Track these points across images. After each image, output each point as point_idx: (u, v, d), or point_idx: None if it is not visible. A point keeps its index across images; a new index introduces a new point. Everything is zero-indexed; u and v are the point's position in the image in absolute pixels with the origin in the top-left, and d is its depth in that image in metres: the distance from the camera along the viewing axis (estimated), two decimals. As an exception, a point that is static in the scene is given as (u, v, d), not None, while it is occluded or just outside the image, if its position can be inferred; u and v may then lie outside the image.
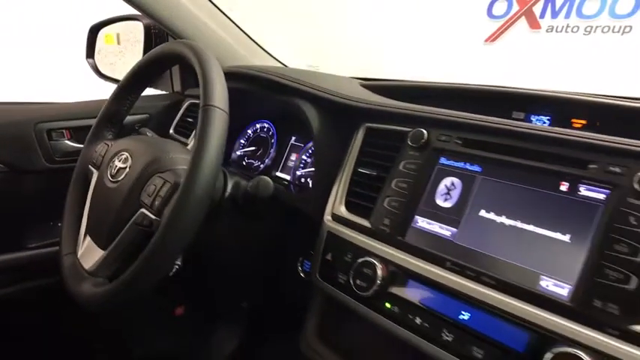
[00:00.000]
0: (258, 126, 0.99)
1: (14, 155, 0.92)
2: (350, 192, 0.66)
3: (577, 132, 0.49)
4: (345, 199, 0.66)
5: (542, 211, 0.48)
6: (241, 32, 1.12)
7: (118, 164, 0.69)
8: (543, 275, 0.46)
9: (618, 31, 2.07)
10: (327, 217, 0.66)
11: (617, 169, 0.45)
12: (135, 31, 1.21)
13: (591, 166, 0.46)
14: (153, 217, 0.60)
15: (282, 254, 0.79)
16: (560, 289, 0.44)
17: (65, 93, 1.09)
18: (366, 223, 0.61)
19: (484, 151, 0.55)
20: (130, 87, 0.77)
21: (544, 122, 0.59)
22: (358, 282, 0.57)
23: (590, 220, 0.45)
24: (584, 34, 2.27)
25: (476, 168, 0.55)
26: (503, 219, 0.51)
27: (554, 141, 0.49)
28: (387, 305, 0.54)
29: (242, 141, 1.00)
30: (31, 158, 0.94)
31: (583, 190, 0.47)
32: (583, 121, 0.55)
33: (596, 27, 2.13)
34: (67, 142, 0.98)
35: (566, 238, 0.46)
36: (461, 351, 0.47)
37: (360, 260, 0.57)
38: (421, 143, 0.59)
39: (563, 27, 2.33)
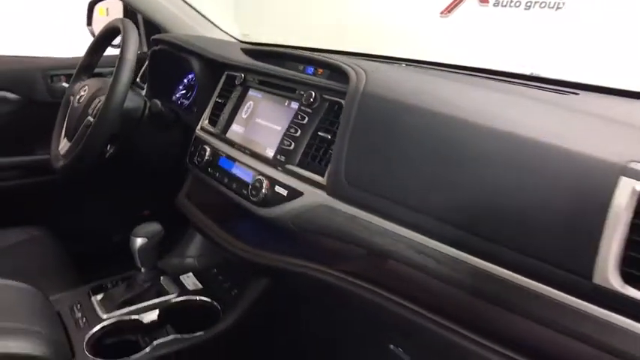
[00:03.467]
0: (190, 76, 1.47)
1: (29, 91, 1.47)
2: (212, 114, 1.14)
3: (299, 74, 0.95)
4: (208, 118, 1.14)
5: (279, 116, 0.95)
6: (189, 7, 1.59)
7: (82, 93, 1.21)
8: (268, 147, 0.93)
9: (553, 7, 2.37)
10: (198, 128, 1.15)
11: (302, 92, 0.91)
12: (118, 7, 1.72)
13: (297, 91, 0.93)
14: (92, 120, 1.11)
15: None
16: (271, 152, 0.91)
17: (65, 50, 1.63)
18: (213, 129, 1.09)
19: (265, 86, 1.02)
20: (96, 47, 1.28)
21: (311, 71, 1.04)
22: (198, 159, 1.06)
23: (289, 118, 0.91)
24: (525, 8, 2.57)
25: (260, 95, 1.02)
26: (263, 121, 0.98)
27: (286, 79, 0.96)
28: (209, 169, 1.03)
29: (180, 87, 1.50)
30: (39, 94, 1.48)
31: (292, 105, 0.93)
32: (321, 70, 1.00)
33: (535, 2, 2.44)
34: (63, 84, 1.51)
35: (279, 128, 0.93)
36: (229, 185, 0.96)
37: (202, 147, 1.06)
38: (240, 82, 1.07)
39: (507, 2, 2.64)
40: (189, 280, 1.10)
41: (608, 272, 0.49)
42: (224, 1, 1.78)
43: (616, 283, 0.49)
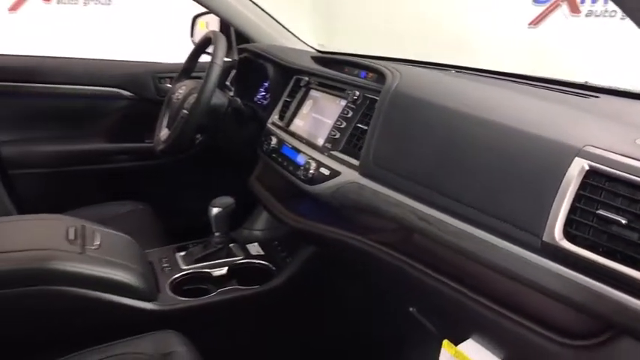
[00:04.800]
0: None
1: (141, 90, 1.81)
2: (281, 110, 1.36)
3: (350, 77, 1.14)
4: (278, 114, 1.36)
5: (330, 112, 1.14)
6: (274, 21, 1.85)
7: (180, 91, 1.49)
8: (320, 137, 1.13)
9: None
10: (269, 122, 1.38)
11: (350, 92, 1.09)
12: (215, 20, 2.02)
13: (346, 91, 1.11)
14: (186, 112, 1.38)
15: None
16: (321, 140, 1.11)
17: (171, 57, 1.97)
18: (280, 123, 1.32)
19: (323, 87, 1.22)
20: (193, 54, 1.57)
21: (364, 75, 1.22)
22: (266, 146, 1.29)
23: (338, 113, 1.10)
24: (621, 18, 2.50)
25: (319, 94, 1.23)
26: (318, 116, 1.18)
27: (339, 81, 1.15)
28: (273, 155, 1.25)
29: (261, 89, 1.75)
30: (149, 92, 1.81)
31: (341, 102, 1.12)
32: (371, 74, 1.17)
33: (635, 11, 2.38)
34: (168, 85, 1.84)
35: (330, 121, 1.12)
36: (287, 167, 1.17)
37: (270, 137, 1.29)
38: (305, 84, 1.28)
39: (601, 12, 2.59)
40: (254, 249, 1.33)
41: (555, 231, 0.62)
42: (304, 17, 2.03)
43: (559, 239, 0.61)
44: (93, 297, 1.00)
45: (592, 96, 0.94)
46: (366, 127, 1.00)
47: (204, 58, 1.65)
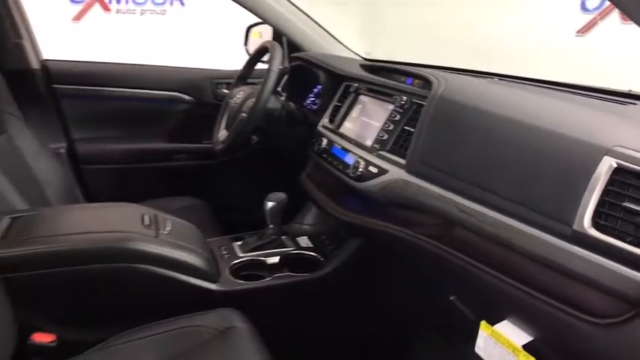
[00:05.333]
0: (319, 86, 1.84)
1: (199, 94, 1.97)
2: (331, 114, 1.47)
3: (397, 83, 1.24)
4: (329, 117, 1.47)
5: (379, 116, 1.24)
6: (324, 31, 1.97)
7: (238, 96, 1.63)
8: (368, 139, 1.22)
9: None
10: (320, 125, 1.49)
11: (397, 97, 1.19)
12: (268, 30, 2.16)
13: (394, 97, 1.21)
14: (245, 115, 1.51)
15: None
16: (370, 142, 1.21)
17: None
18: (330, 126, 1.43)
19: (372, 93, 1.32)
20: (250, 62, 1.71)
21: (410, 82, 1.31)
22: (316, 147, 1.40)
23: (386, 117, 1.20)
24: None
25: (367, 99, 1.33)
26: (367, 119, 1.28)
27: (387, 87, 1.25)
28: (324, 155, 1.36)
29: (311, 95, 1.86)
30: (206, 96, 1.97)
31: (389, 107, 1.22)
32: (417, 81, 1.27)
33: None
34: (224, 90, 1.99)
35: (378, 124, 1.22)
36: (337, 166, 1.27)
37: (320, 139, 1.40)
38: (354, 89, 1.39)
39: None
40: (304, 241, 1.44)
41: (584, 221, 0.69)
42: (352, 27, 2.15)
43: (588, 228, 0.69)
44: (165, 275, 1.13)
45: (630, 103, 1.00)
46: (412, 130, 1.10)
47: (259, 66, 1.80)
